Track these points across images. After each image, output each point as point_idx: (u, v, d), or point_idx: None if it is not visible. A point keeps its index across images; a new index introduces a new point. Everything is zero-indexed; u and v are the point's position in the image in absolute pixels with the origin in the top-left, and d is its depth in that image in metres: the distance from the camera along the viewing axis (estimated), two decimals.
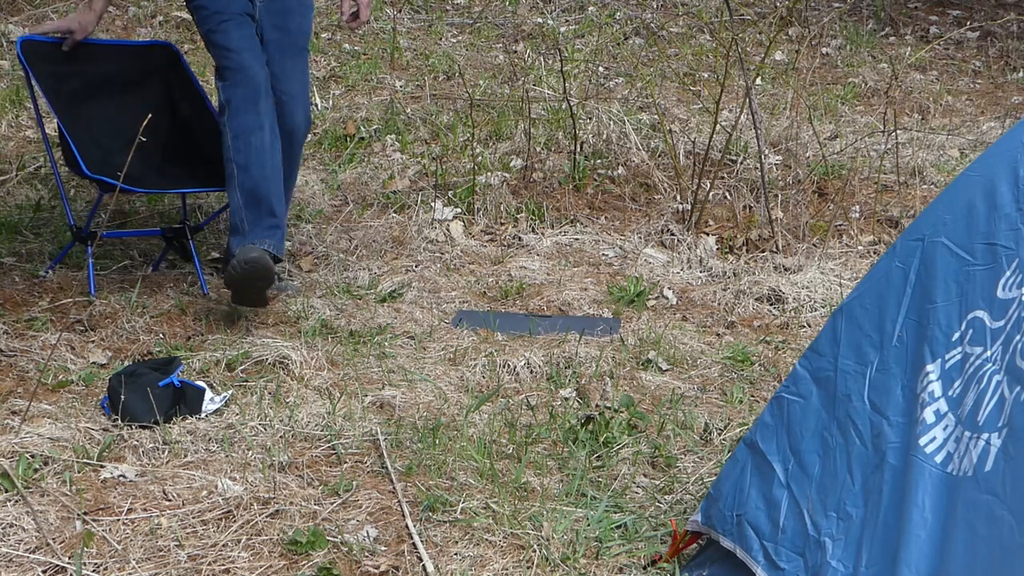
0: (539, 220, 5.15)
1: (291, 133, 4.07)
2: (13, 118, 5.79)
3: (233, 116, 3.86)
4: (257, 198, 3.87)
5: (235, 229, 3.89)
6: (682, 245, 4.97)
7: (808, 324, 4.32)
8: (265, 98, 3.91)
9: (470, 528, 2.87)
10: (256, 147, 3.86)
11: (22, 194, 4.93)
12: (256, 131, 3.87)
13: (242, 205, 3.86)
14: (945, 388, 2.19)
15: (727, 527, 2.55)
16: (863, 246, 4.97)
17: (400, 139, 5.88)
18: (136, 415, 3.25)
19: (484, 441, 3.27)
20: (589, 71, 6.89)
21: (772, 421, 2.52)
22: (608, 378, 3.76)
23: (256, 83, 3.89)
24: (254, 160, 3.86)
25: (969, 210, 2.27)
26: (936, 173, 5.83)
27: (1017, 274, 2.13)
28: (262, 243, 3.82)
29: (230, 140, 3.87)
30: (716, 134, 5.32)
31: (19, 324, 3.83)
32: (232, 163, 3.87)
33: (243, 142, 3.86)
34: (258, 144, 3.86)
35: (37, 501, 2.85)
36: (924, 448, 2.17)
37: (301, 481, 3.05)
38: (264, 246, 3.82)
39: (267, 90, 3.93)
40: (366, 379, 3.66)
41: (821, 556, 2.29)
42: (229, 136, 3.87)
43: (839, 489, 2.32)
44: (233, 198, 3.90)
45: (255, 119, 3.87)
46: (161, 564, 2.67)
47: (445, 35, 7.80)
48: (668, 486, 3.14)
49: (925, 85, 7.56)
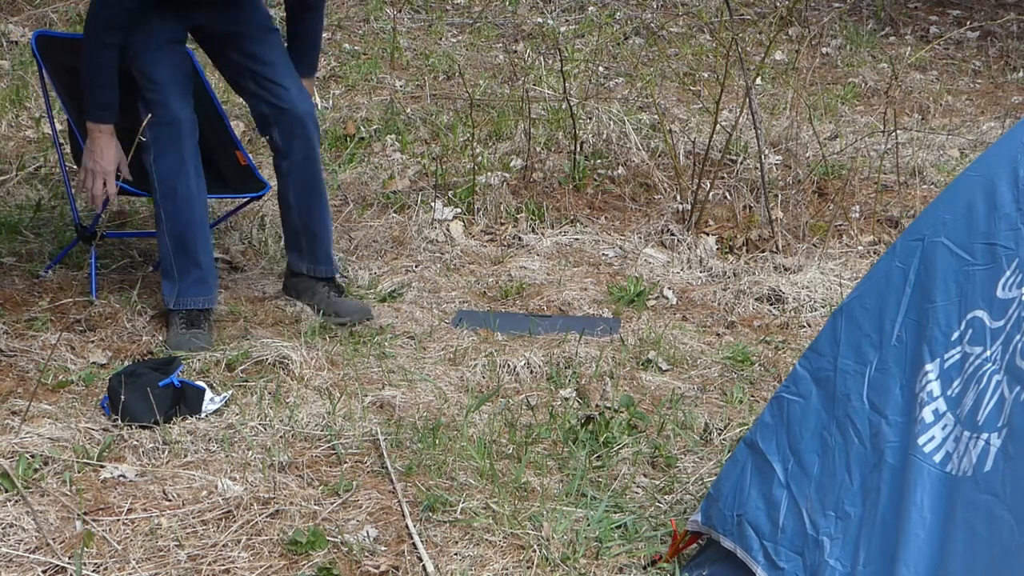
0: (539, 220, 5.15)
1: (303, 120, 3.96)
2: (13, 118, 5.79)
3: (158, 156, 3.78)
4: (184, 246, 3.84)
5: (166, 274, 3.88)
6: (682, 245, 4.97)
7: (808, 324, 4.32)
8: (189, 138, 3.81)
9: (470, 528, 2.87)
10: (182, 195, 3.80)
11: (22, 194, 4.94)
12: (181, 176, 3.79)
13: (171, 251, 3.85)
14: (944, 387, 2.20)
15: (727, 527, 2.55)
16: (863, 246, 4.97)
17: (400, 139, 5.88)
18: (136, 415, 3.25)
19: (484, 441, 3.27)
20: (589, 71, 6.90)
21: (772, 421, 2.52)
22: (608, 378, 3.76)
23: (179, 122, 3.77)
24: (181, 208, 3.81)
25: (969, 210, 2.27)
26: (936, 173, 5.83)
27: (1017, 274, 2.13)
28: (193, 301, 3.85)
29: (156, 183, 3.81)
30: (716, 134, 5.32)
31: (19, 324, 3.83)
32: (159, 207, 3.84)
33: (168, 187, 3.79)
34: (184, 192, 3.80)
35: (37, 501, 2.85)
36: (923, 447, 2.17)
37: (301, 481, 3.05)
38: (195, 305, 3.85)
39: (191, 130, 3.82)
40: (366, 379, 3.66)
41: (819, 555, 2.29)
42: (155, 178, 3.80)
43: (837, 488, 2.32)
44: (162, 242, 3.87)
45: (178, 160, 3.78)
46: (161, 564, 2.67)
47: (445, 35, 7.80)
48: (668, 486, 3.14)
49: (925, 85, 7.56)
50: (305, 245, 4.13)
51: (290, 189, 4.05)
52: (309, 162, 4.02)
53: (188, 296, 3.85)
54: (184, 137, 3.79)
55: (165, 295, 3.88)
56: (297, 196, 4.06)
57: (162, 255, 3.89)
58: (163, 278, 3.90)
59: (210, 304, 3.90)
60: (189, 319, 3.82)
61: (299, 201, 4.06)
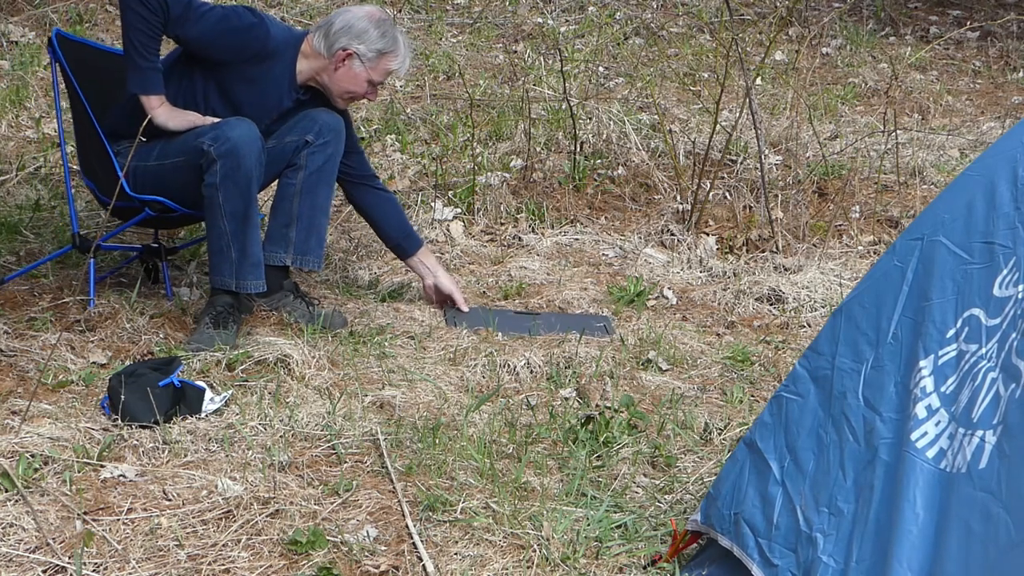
0: (539, 220, 5.15)
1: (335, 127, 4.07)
2: (13, 118, 5.79)
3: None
4: (246, 227, 3.89)
5: (220, 255, 3.89)
6: (682, 245, 4.97)
7: (808, 324, 4.32)
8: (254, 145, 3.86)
9: (470, 528, 2.87)
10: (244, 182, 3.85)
11: (22, 194, 4.94)
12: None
13: (230, 232, 3.87)
14: (938, 384, 2.20)
15: (725, 526, 2.55)
16: (863, 246, 4.97)
17: (400, 139, 5.89)
18: (136, 415, 3.25)
19: (484, 441, 3.27)
20: (589, 71, 6.90)
21: (771, 420, 2.52)
22: (608, 378, 3.76)
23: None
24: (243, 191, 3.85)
25: (968, 210, 2.27)
26: (936, 173, 5.84)
27: (1014, 272, 2.14)
28: (254, 284, 3.91)
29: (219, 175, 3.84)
30: (716, 134, 5.32)
31: (19, 324, 3.83)
32: (219, 189, 3.84)
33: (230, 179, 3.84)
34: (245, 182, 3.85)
35: (37, 501, 2.85)
36: (915, 443, 2.18)
37: (301, 481, 3.05)
38: (255, 288, 3.91)
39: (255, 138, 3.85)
40: (366, 379, 3.66)
41: (812, 552, 2.30)
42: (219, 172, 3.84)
43: (831, 485, 2.33)
44: (218, 226, 3.87)
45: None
46: (161, 564, 2.67)
47: (445, 35, 7.80)
48: (668, 486, 3.14)
49: (925, 85, 7.57)
50: (295, 236, 4.12)
51: (301, 173, 4.07)
52: (332, 159, 4.08)
53: (247, 280, 3.85)
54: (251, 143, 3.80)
55: (220, 278, 3.85)
56: (308, 182, 4.07)
57: (216, 238, 3.83)
58: (216, 261, 3.85)
59: (263, 288, 3.92)
60: (218, 321, 3.81)
61: (308, 187, 4.07)
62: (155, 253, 4.25)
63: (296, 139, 4.02)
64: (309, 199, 4.05)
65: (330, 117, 4.05)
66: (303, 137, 4.02)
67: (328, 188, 4.09)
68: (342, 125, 4.09)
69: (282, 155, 4.03)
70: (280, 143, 4.02)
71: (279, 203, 4.09)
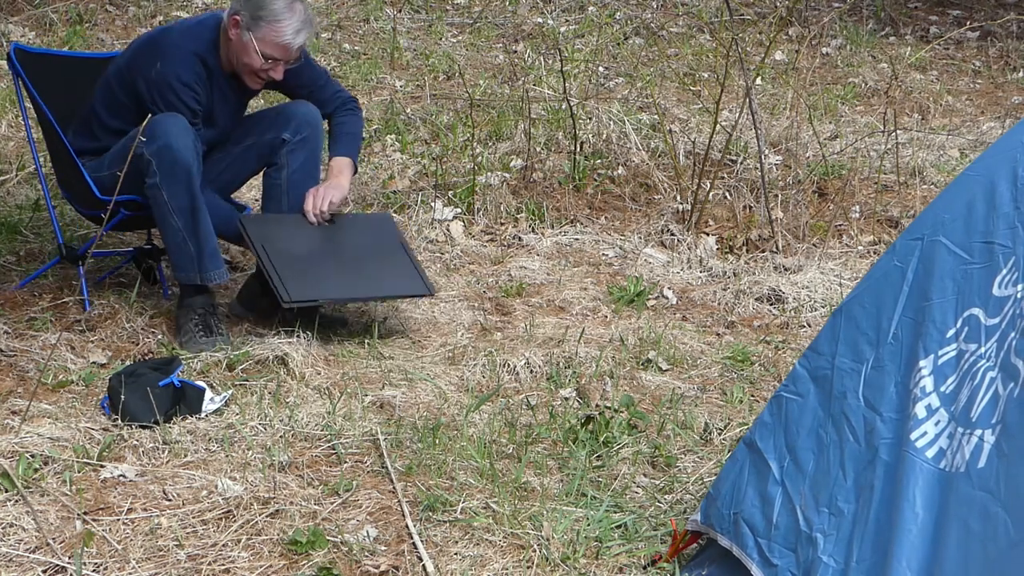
0: (539, 220, 5.15)
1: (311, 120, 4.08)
2: (13, 118, 5.79)
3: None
4: (195, 219, 3.87)
5: (179, 251, 3.88)
6: (682, 245, 4.97)
7: (808, 324, 4.32)
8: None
9: (470, 528, 2.87)
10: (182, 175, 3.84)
11: (22, 194, 4.94)
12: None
13: (181, 227, 3.86)
14: (937, 383, 2.20)
15: (725, 526, 2.55)
16: (863, 246, 4.97)
17: (400, 139, 5.89)
18: (136, 415, 3.25)
19: (484, 441, 3.27)
20: (589, 71, 6.90)
21: (771, 420, 2.52)
22: (608, 378, 3.76)
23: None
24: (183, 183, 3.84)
25: (968, 209, 2.27)
26: (936, 173, 5.83)
27: (1013, 272, 2.14)
28: (216, 275, 3.91)
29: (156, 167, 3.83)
30: (716, 134, 5.32)
31: (19, 324, 3.83)
32: (160, 189, 3.82)
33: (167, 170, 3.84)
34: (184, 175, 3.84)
35: (37, 501, 2.85)
36: (915, 443, 2.18)
37: (301, 481, 3.05)
38: (219, 279, 3.93)
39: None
40: (366, 379, 3.66)
41: (812, 552, 2.30)
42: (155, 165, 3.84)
43: (831, 485, 2.33)
44: (170, 224, 3.86)
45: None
46: (161, 564, 2.67)
47: (445, 35, 7.80)
48: (668, 486, 3.14)
49: (925, 85, 7.57)
50: None
51: (285, 172, 4.06)
52: (313, 153, 4.09)
53: (209, 271, 3.84)
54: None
55: (185, 274, 3.83)
56: (293, 179, 4.06)
57: (171, 235, 3.81)
58: (176, 258, 3.83)
59: (225, 279, 3.90)
60: (205, 325, 3.80)
61: (294, 184, 4.06)
62: (149, 254, 4.25)
63: (273, 136, 4.03)
64: (296, 196, 4.05)
65: (305, 109, 4.06)
66: (280, 135, 4.02)
67: (314, 182, 4.10)
68: (318, 117, 4.08)
69: (260, 153, 4.04)
70: (259, 140, 4.03)
71: (267, 203, 4.11)
